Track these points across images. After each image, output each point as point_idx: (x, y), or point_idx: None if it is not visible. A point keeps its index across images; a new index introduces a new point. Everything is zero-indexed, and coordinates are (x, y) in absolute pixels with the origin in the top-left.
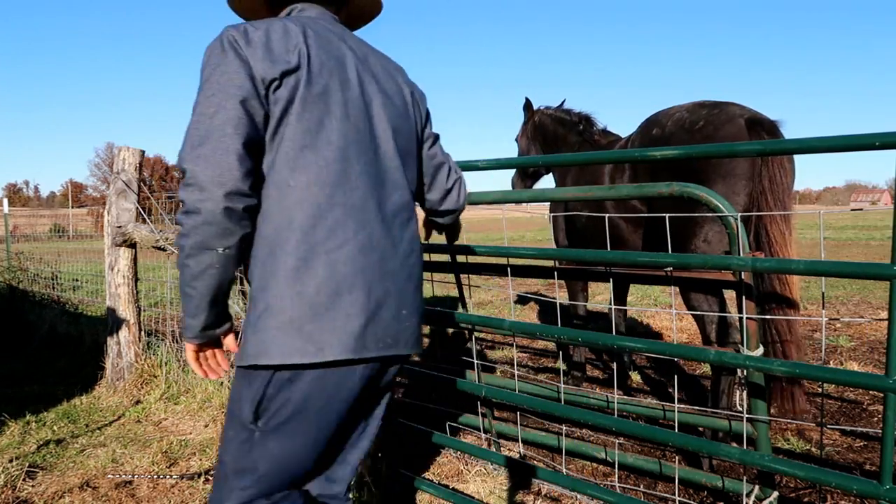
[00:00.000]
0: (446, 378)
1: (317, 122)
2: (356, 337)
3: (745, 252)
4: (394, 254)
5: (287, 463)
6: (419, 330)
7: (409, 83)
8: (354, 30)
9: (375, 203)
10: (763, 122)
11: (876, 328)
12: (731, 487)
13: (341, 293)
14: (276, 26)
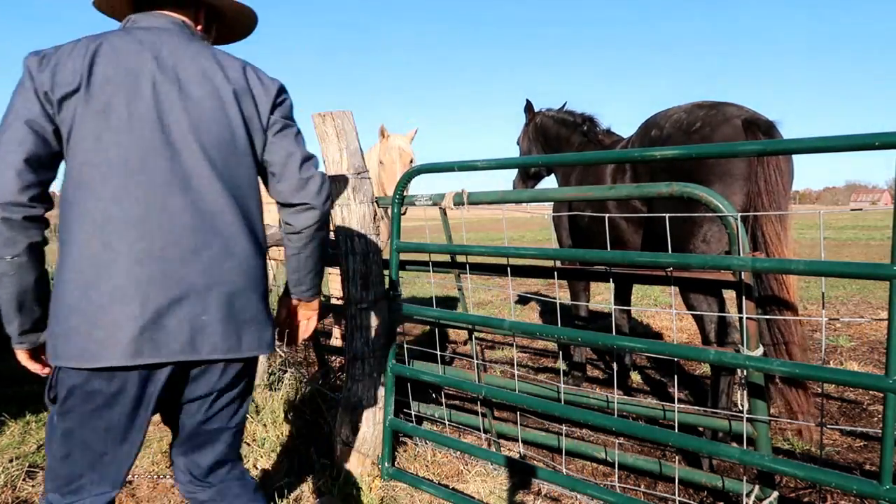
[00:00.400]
0: (446, 378)
1: (95, 138)
2: (128, 343)
3: (744, 252)
4: (193, 260)
5: (78, 448)
6: (239, 333)
7: (235, 80)
8: (230, 41)
9: (168, 212)
10: (760, 122)
11: (876, 328)
12: (731, 487)
13: (114, 303)
14: (68, 49)
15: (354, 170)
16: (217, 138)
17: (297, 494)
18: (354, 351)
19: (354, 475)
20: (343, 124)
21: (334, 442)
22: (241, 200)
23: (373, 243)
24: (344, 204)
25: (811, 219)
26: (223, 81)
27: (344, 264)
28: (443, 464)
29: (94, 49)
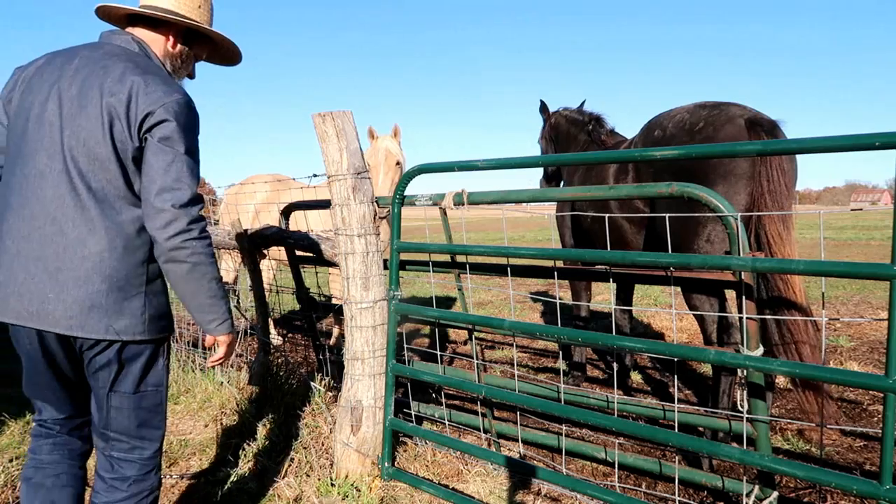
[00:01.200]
0: (446, 378)
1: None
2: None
3: (745, 252)
4: (42, 244)
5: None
6: (80, 318)
7: (115, 95)
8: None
9: (26, 212)
10: (763, 122)
11: (876, 328)
12: (731, 487)
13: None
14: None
15: (354, 170)
16: (89, 149)
17: (297, 494)
18: (354, 351)
19: (354, 475)
20: (343, 124)
21: (334, 442)
22: (104, 208)
23: (373, 243)
24: (344, 204)
25: (811, 219)
26: (107, 95)
27: (344, 264)
28: (443, 464)
29: (33, 68)
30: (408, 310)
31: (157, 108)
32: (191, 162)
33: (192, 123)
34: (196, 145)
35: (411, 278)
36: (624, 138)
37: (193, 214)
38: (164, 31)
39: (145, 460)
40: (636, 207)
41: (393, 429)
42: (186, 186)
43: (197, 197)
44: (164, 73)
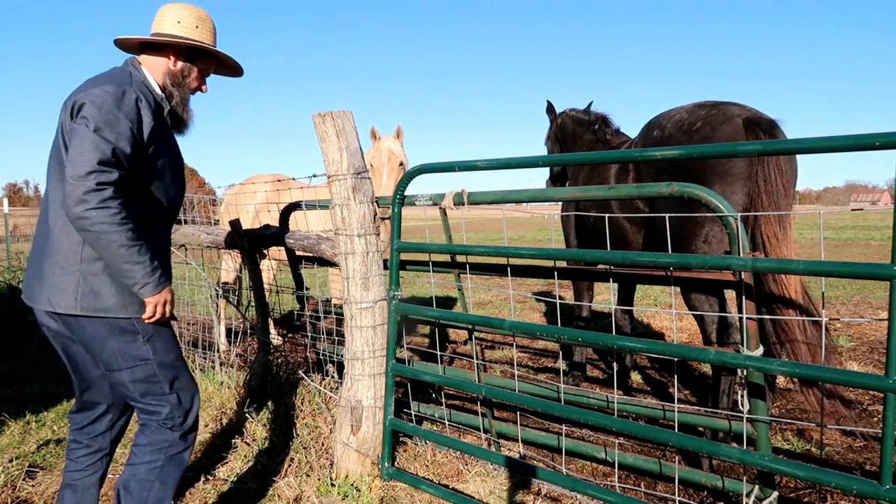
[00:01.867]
0: (446, 378)
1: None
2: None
3: (744, 252)
4: (40, 234)
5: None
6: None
7: (70, 99)
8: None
9: (45, 201)
10: (761, 121)
11: (876, 328)
12: (731, 487)
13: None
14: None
15: (354, 170)
16: (55, 147)
17: (297, 494)
18: (354, 351)
19: (354, 475)
20: (343, 124)
21: (334, 442)
22: (51, 198)
23: (373, 243)
24: (344, 204)
25: (811, 219)
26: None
27: (344, 264)
28: (443, 464)
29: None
30: (408, 310)
31: (82, 96)
32: (95, 138)
33: (110, 106)
34: (110, 125)
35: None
36: (628, 138)
37: (89, 185)
38: (165, 53)
39: (163, 420)
40: (636, 207)
41: (393, 429)
42: (86, 159)
43: (97, 170)
44: (121, 76)
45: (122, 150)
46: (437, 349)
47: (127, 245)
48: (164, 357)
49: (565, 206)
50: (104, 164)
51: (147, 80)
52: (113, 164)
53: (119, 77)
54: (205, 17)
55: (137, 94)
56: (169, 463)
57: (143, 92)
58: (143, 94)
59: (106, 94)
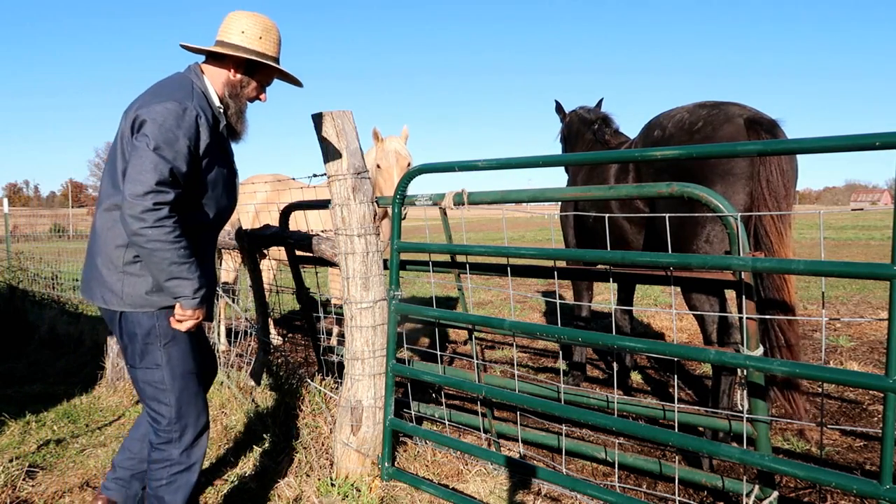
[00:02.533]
0: (446, 378)
1: None
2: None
3: (745, 252)
4: (91, 233)
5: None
6: (95, 289)
7: (130, 111)
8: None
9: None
10: (762, 121)
11: (876, 328)
12: (731, 487)
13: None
14: None
15: (354, 170)
16: (111, 154)
17: (297, 494)
18: (354, 351)
19: (354, 475)
20: (343, 124)
21: (334, 442)
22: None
23: (373, 243)
24: (344, 204)
25: (811, 219)
26: (125, 119)
27: (344, 264)
28: (443, 464)
29: None
30: (408, 310)
31: (144, 112)
32: (155, 157)
33: (170, 125)
34: (169, 144)
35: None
36: (628, 138)
37: (147, 205)
38: (226, 64)
39: (161, 430)
40: (636, 207)
41: (393, 429)
42: (145, 179)
43: (155, 190)
44: (182, 88)
45: (179, 169)
46: (437, 349)
47: (178, 262)
48: (176, 367)
49: (564, 205)
50: (162, 183)
51: (207, 90)
52: (170, 183)
53: (181, 90)
54: (270, 27)
55: (197, 111)
56: (172, 482)
57: (203, 106)
58: (203, 110)
59: (167, 111)
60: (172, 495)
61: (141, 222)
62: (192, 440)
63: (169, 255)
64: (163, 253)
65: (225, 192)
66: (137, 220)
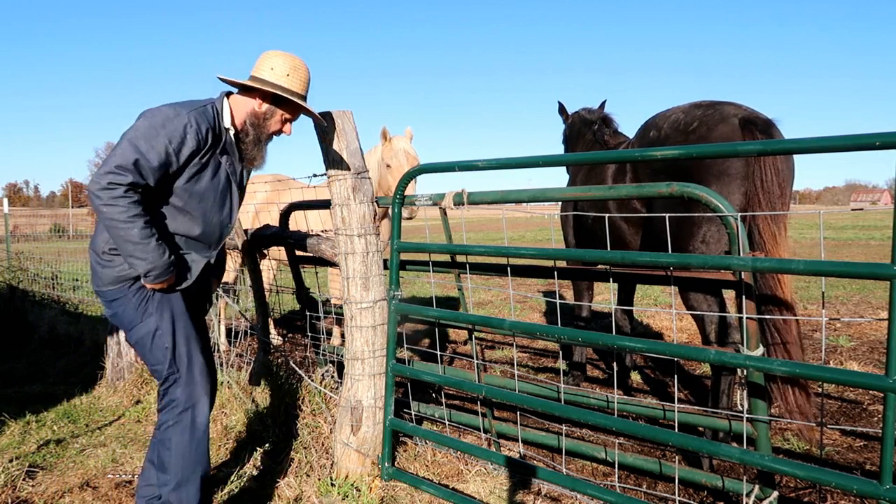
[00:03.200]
0: (446, 378)
1: None
2: None
3: (744, 252)
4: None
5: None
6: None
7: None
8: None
9: None
10: (757, 121)
11: (876, 328)
12: (731, 487)
13: None
14: None
15: (354, 170)
16: None
17: (297, 494)
18: (354, 351)
19: (354, 475)
20: (343, 124)
21: (334, 442)
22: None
23: (373, 243)
24: (344, 204)
25: (811, 219)
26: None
27: (344, 264)
28: (443, 464)
29: None
30: (408, 310)
31: (147, 110)
32: (127, 145)
33: (156, 123)
34: (147, 138)
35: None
36: (627, 138)
37: (102, 184)
38: (254, 95)
39: (162, 375)
40: (634, 208)
41: (393, 429)
42: (110, 161)
43: (113, 171)
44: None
45: (149, 162)
46: (437, 349)
47: (132, 242)
48: (164, 311)
49: (564, 205)
50: (122, 168)
51: (221, 112)
52: (130, 170)
53: (189, 104)
54: (298, 66)
55: (190, 121)
56: (179, 422)
57: (204, 121)
58: (201, 123)
59: (160, 113)
60: (180, 436)
61: (97, 199)
62: (194, 378)
63: (123, 233)
64: (117, 231)
65: (216, 207)
66: (94, 196)
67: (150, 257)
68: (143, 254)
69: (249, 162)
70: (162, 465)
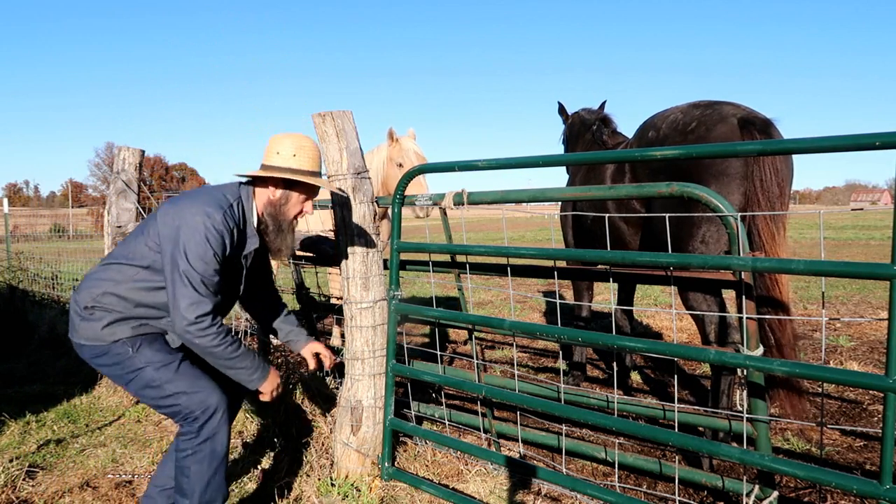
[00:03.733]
0: (446, 378)
1: None
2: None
3: (744, 252)
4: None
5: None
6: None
7: (170, 210)
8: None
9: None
10: (756, 121)
11: (876, 328)
12: (731, 487)
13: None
14: None
15: (354, 170)
16: (135, 235)
17: (297, 494)
18: (354, 351)
19: (354, 475)
20: (343, 124)
21: (334, 442)
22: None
23: (373, 243)
24: (344, 204)
25: (811, 219)
26: (163, 216)
27: (344, 264)
28: (443, 464)
29: None
30: (408, 310)
31: (181, 222)
32: (192, 273)
33: (200, 238)
34: (201, 257)
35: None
36: (626, 138)
37: (190, 319)
38: (266, 184)
39: (179, 418)
40: (633, 208)
41: (393, 429)
42: (186, 298)
43: (195, 302)
44: (223, 200)
45: (210, 278)
46: (437, 349)
47: (228, 357)
48: (158, 361)
49: (563, 205)
50: (201, 296)
51: (246, 208)
52: (205, 294)
53: (216, 201)
54: (304, 144)
55: (225, 223)
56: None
57: (232, 222)
58: (234, 222)
59: (196, 225)
60: (198, 465)
61: (189, 335)
62: (208, 410)
63: (219, 351)
64: (214, 356)
65: (229, 286)
66: (186, 333)
67: (247, 363)
68: (241, 363)
69: (275, 253)
70: (182, 491)
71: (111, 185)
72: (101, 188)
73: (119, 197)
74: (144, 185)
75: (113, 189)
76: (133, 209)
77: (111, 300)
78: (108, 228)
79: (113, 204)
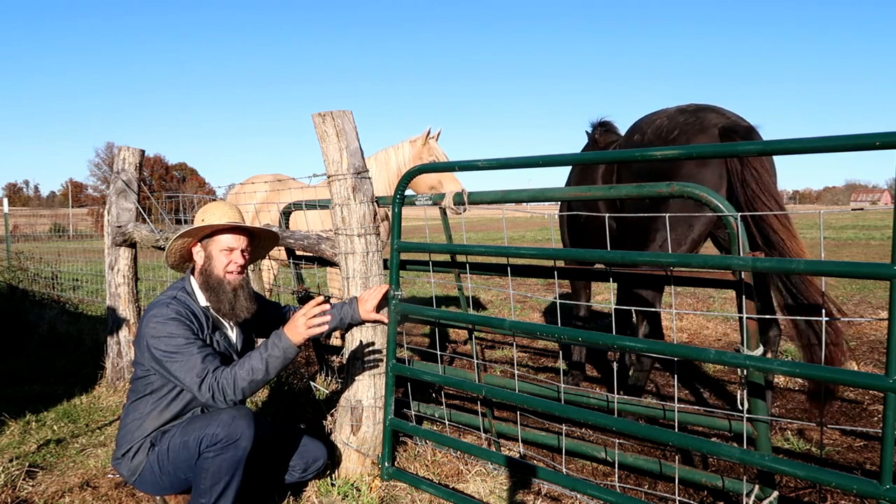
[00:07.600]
0: (446, 378)
1: None
2: None
3: (744, 252)
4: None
5: None
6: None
7: (145, 330)
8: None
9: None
10: (738, 129)
11: (876, 328)
12: (731, 487)
13: None
14: None
15: (354, 169)
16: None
17: (297, 494)
18: (354, 351)
19: (354, 475)
20: (343, 124)
21: (334, 442)
22: None
23: (373, 243)
24: (344, 204)
25: (811, 219)
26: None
27: (344, 264)
28: (443, 464)
29: None
30: (408, 310)
31: (149, 332)
32: (179, 360)
33: (161, 329)
34: (175, 347)
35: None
36: (619, 138)
37: (206, 394)
38: (190, 254)
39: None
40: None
41: (393, 429)
42: (187, 374)
43: (200, 380)
44: (171, 296)
45: (190, 345)
46: (437, 349)
47: (251, 379)
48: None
49: (561, 205)
50: (194, 359)
51: (189, 291)
52: (197, 353)
53: (161, 302)
54: (213, 207)
55: (176, 309)
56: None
57: (182, 306)
58: (185, 307)
59: (152, 324)
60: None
61: (213, 401)
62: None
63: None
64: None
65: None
66: (211, 401)
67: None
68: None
69: (232, 317)
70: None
71: (111, 184)
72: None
73: (119, 197)
74: (144, 185)
75: (113, 189)
76: (133, 209)
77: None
78: (108, 228)
79: (113, 204)
